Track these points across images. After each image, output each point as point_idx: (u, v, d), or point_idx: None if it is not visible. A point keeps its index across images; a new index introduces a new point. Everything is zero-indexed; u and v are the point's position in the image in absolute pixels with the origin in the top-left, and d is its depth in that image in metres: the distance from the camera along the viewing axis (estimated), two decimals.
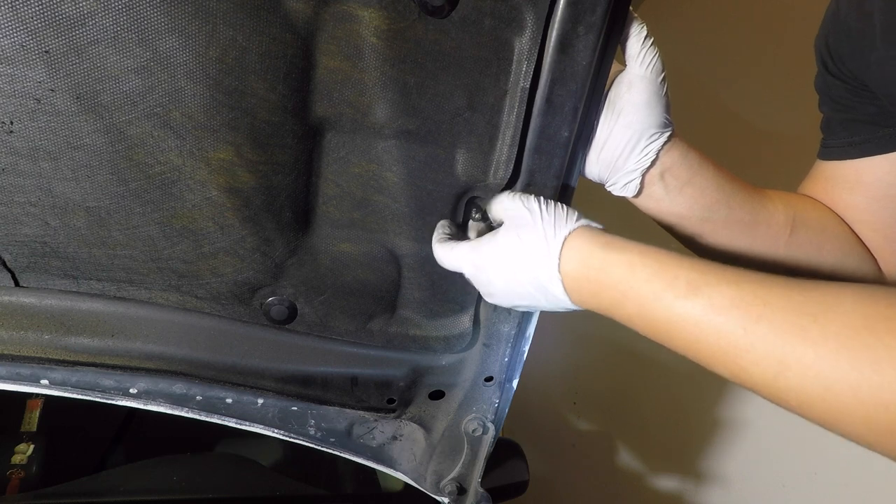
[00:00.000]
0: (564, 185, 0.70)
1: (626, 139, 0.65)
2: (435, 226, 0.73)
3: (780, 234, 0.73)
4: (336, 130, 0.65)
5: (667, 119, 0.65)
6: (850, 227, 0.77)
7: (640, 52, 0.63)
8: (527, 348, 0.84)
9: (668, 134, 0.66)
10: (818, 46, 0.74)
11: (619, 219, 0.60)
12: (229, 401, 0.84)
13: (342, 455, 0.92)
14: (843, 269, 0.75)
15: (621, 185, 0.68)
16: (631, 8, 0.62)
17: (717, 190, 0.70)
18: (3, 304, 0.74)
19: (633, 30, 0.63)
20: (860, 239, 0.76)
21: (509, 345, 0.83)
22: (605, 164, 0.68)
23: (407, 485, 0.97)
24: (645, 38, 0.62)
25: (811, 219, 0.75)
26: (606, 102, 0.66)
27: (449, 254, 0.67)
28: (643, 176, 0.67)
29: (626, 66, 0.65)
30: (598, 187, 0.73)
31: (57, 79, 0.55)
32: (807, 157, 0.84)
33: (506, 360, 0.85)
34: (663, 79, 0.64)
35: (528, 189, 0.68)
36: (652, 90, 0.63)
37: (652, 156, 0.66)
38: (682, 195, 0.69)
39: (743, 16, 2.08)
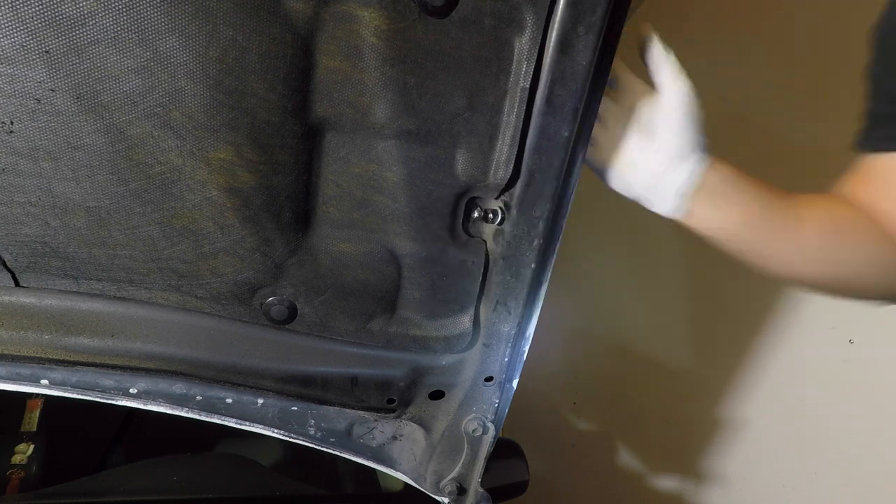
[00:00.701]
0: (564, 185, 0.70)
1: (665, 161, 0.66)
2: (434, 226, 0.73)
3: (826, 240, 0.73)
4: (336, 130, 0.65)
5: (702, 138, 0.66)
6: (885, 229, 0.74)
7: (672, 81, 0.64)
8: (527, 348, 0.84)
9: (704, 153, 0.67)
10: (882, 36, 0.72)
11: (618, 221, 0.60)
12: (229, 401, 0.84)
13: (342, 455, 0.92)
14: (882, 268, 0.74)
15: (666, 206, 0.70)
16: (646, 24, 0.63)
17: (757, 203, 0.71)
18: (3, 304, 0.74)
19: (660, 56, 0.63)
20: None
21: (509, 345, 0.83)
22: (642, 185, 0.70)
23: (407, 485, 0.97)
24: (677, 67, 0.63)
25: (847, 221, 0.74)
26: (637, 123, 0.67)
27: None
28: (686, 195, 0.68)
29: (654, 88, 0.66)
30: (597, 189, 0.73)
31: (57, 79, 0.55)
32: (809, 156, 0.84)
33: (506, 360, 0.85)
34: (694, 100, 0.65)
35: (528, 188, 0.68)
36: (687, 113, 0.65)
37: (693, 177, 0.67)
38: (724, 211, 0.70)
39: (743, 16, 2.08)
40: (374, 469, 0.97)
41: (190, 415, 0.82)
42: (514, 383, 0.88)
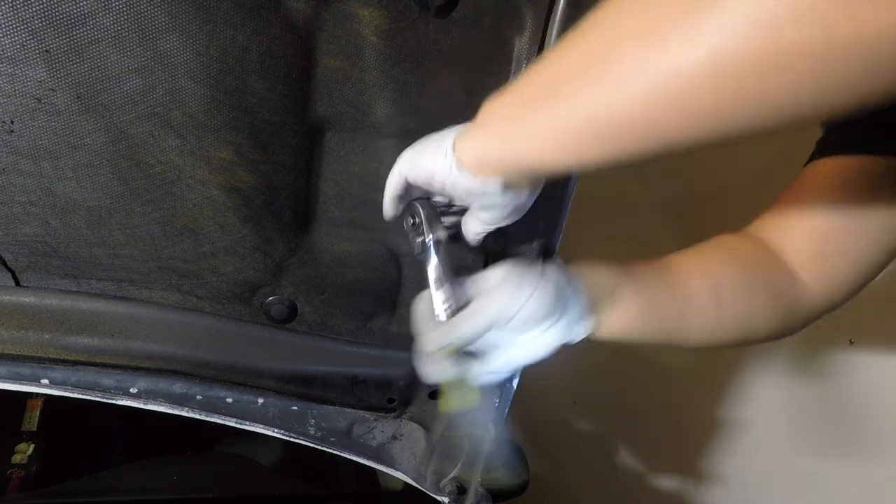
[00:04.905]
0: (564, 185, 0.70)
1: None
2: None
3: (711, 311, 0.66)
4: (336, 129, 0.65)
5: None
6: (773, 261, 0.68)
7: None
8: None
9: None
10: None
11: (618, 221, 0.60)
12: (230, 400, 0.84)
13: (342, 455, 0.92)
14: (775, 317, 0.68)
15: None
16: None
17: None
18: (3, 303, 0.74)
19: None
20: (785, 271, 0.68)
21: None
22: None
23: (407, 484, 0.97)
24: None
25: (728, 276, 0.67)
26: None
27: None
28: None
29: None
30: (598, 189, 0.72)
31: (57, 78, 0.55)
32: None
33: None
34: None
35: None
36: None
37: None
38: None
39: None
40: (374, 468, 0.97)
41: (190, 414, 0.82)
42: (515, 383, 0.88)
